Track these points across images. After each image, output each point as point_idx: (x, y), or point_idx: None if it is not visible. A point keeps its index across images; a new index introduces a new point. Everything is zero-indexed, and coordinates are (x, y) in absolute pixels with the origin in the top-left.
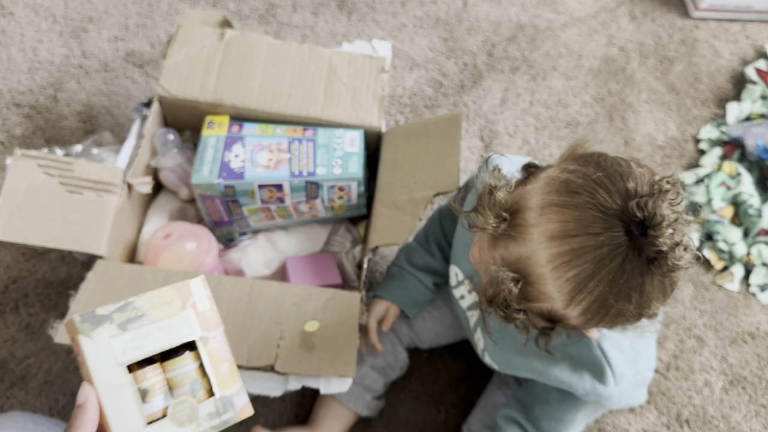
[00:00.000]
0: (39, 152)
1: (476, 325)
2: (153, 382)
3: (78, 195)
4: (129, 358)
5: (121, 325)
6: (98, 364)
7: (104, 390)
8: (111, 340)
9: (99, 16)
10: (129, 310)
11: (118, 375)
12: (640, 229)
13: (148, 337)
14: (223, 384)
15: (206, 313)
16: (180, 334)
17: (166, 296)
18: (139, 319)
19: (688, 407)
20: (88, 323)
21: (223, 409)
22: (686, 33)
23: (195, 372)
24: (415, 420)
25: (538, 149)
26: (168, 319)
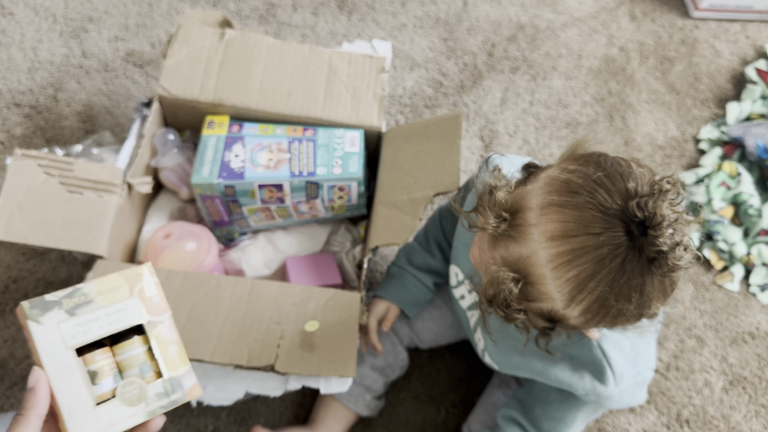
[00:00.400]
0: (39, 152)
1: (476, 325)
2: (102, 365)
3: (78, 195)
4: (77, 342)
5: (70, 311)
6: (48, 348)
7: (54, 373)
8: (60, 325)
9: (99, 16)
10: (77, 296)
11: (67, 358)
12: (641, 229)
13: (96, 322)
14: (171, 365)
15: (153, 299)
16: (128, 319)
17: (113, 283)
18: (88, 304)
19: (688, 407)
20: (37, 309)
21: (172, 389)
22: (686, 33)
23: (143, 355)
24: (415, 420)
25: (538, 149)
26: (116, 304)
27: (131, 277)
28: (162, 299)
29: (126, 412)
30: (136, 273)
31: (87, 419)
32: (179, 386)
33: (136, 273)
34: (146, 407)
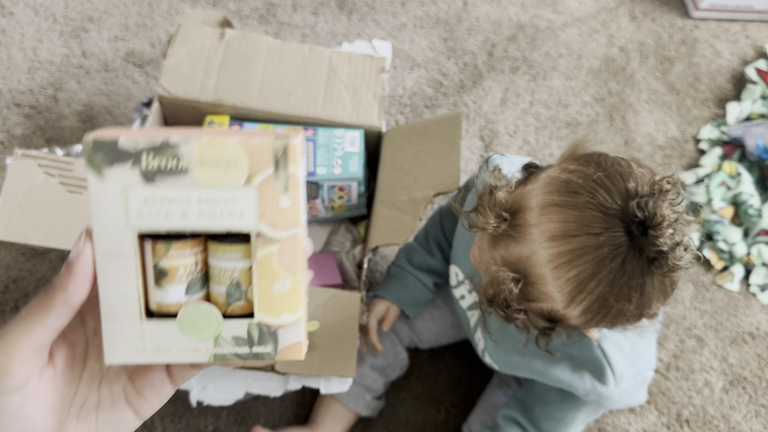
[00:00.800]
0: (39, 152)
1: (476, 325)
2: (177, 263)
3: (78, 195)
4: (144, 225)
5: (149, 174)
6: (103, 217)
7: (103, 255)
8: (128, 191)
9: (99, 16)
10: (167, 155)
11: (123, 241)
12: (641, 229)
13: (181, 205)
14: (271, 307)
15: (281, 202)
16: (229, 218)
17: (228, 153)
18: (178, 174)
19: (688, 407)
20: (103, 154)
21: (260, 339)
22: (686, 33)
23: (242, 273)
24: (415, 420)
25: (539, 149)
26: (221, 189)
27: (261, 152)
28: (297, 205)
29: (183, 343)
30: (273, 149)
31: (128, 332)
32: (273, 339)
33: (271, 147)
34: (214, 347)
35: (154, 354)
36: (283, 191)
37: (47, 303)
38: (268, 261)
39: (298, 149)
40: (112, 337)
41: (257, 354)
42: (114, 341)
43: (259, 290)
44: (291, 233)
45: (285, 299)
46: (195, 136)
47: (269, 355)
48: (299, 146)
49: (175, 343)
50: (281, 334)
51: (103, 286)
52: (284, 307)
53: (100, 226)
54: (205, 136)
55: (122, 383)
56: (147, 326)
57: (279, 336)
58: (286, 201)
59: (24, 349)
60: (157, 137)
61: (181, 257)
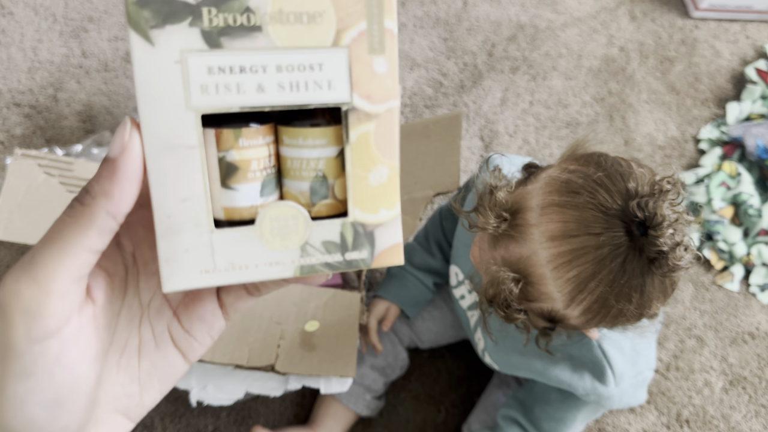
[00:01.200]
0: (39, 152)
1: (476, 325)
2: (249, 155)
3: None
4: (210, 104)
5: (212, 36)
6: (154, 96)
7: (155, 148)
8: (187, 59)
9: (99, 16)
10: (234, 8)
11: (185, 126)
12: (641, 229)
13: (255, 75)
14: (367, 202)
15: (377, 65)
16: (315, 87)
17: (312, 2)
18: (250, 33)
19: (688, 407)
20: (151, 11)
21: (354, 242)
22: (686, 33)
23: (327, 163)
24: (415, 420)
25: (539, 149)
26: (302, 50)
27: (352, 1)
28: (395, 68)
29: (264, 255)
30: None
31: (194, 247)
32: (369, 241)
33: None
34: (301, 257)
35: (228, 273)
36: (378, 51)
37: (86, 216)
38: (364, 143)
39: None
40: (171, 257)
41: (351, 261)
42: (175, 261)
43: (355, 181)
44: (389, 106)
45: (383, 191)
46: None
47: (365, 262)
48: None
49: (254, 256)
50: (378, 234)
51: (158, 190)
52: (382, 200)
53: (151, 108)
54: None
55: (166, 321)
56: (218, 237)
57: (376, 237)
58: (382, 64)
59: (61, 280)
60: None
61: (254, 147)
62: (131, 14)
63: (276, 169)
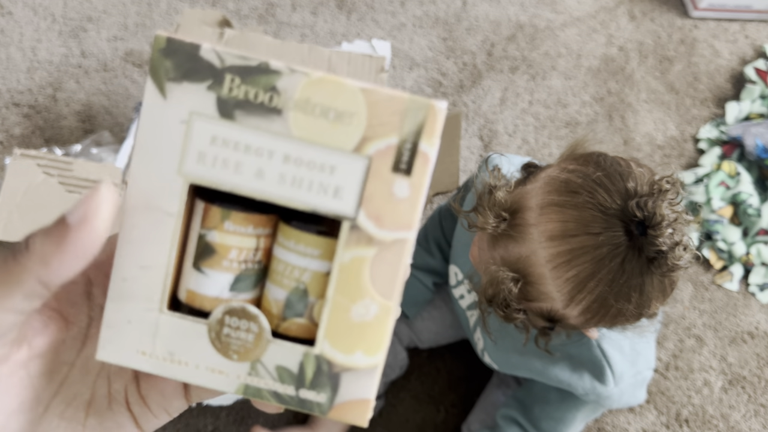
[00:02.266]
0: (38, 152)
1: (476, 324)
2: (231, 242)
3: (77, 195)
4: (202, 175)
5: (227, 105)
6: (150, 150)
7: (136, 203)
8: (194, 120)
9: (98, 16)
10: (260, 84)
11: (170, 190)
12: (640, 229)
13: (259, 158)
14: (342, 337)
15: (397, 188)
16: (320, 191)
17: (344, 100)
18: (267, 114)
19: (687, 407)
20: (174, 63)
21: (313, 379)
22: (685, 33)
23: (313, 278)
24: (414, 420)
25: (538, 149)
26: (318, 147)
27: (388, 110)
28: (418, 197)
29: (208, 356)
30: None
31: (138, 321)
32: (330, 384)
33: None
34: (248, 375)
35: (164, 363)
36: (403, 173)
37: (15, 275)
38: (356, 268)
39: (439, 118)
40: (114, 323)
41: (304, 401)
42: (115, 329)
43: (333, 308)
44: (398, 237)
45: (365, 331)
46: (303, 68)
47: (320, 408)
48: (441, 115)
49: (197, 354)
50: (345, 380)
51: (123, 249)
52: (361, 342)
53: (144, 161)
54: (317, 70)
55: (125, 381)
56: (165, 320)
57: (342, 382)
58: (403, 188)
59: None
60: (252, 56)
61: (239, 234)
62: (154, 61)
63: (261, 267)
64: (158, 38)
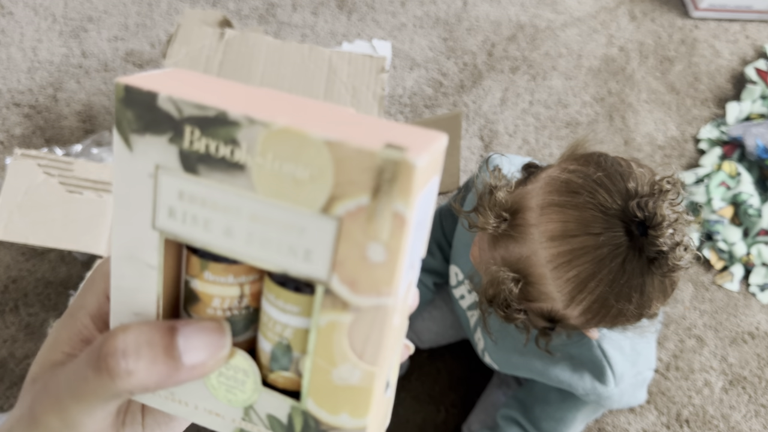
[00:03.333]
0: (39, 152)
1: (476, 325)
2: (212, 291)
3: (78, 195)
4: (174, 230)
5: (190, 159)
6: (126, 204)
7: (121, 253)
8: (160, 175)
9: (99, 16)
10: (220, 135)
11: (147, 244)
12: (641, 229)
13: (226, 216)
14: (325, 397)
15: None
16: (289, 253)
17: (308, 154)
18: (230, 169)
19: (687, 407)
20: (134, 114)
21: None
22: (686, 33)
23: (295, 334)
24: (415, 420)
25: (538, 149)
26: (284, 207)
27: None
28: (396, 261)
29: (205, 399)
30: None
31: None
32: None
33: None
34: (242, 420)
35: (165, 401)
36: (375, 236)
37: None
38: (333, 333)
39: (415, 175)
40: None
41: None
42: None
43: (313, 369)
44: (377, 303)
45: (349, 394)
46: (267, 114)
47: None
48: (418, 172)
49: (195, 396)
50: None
51: (116, 295)
52: (345, 404)
53: (121, 215)
54: (281, 116)
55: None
56: None
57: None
58: (378, 252)
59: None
60: (211, 104)
61: (219, 284)
62: (116, 111)
63: (251, 312)
64: (117, 86)
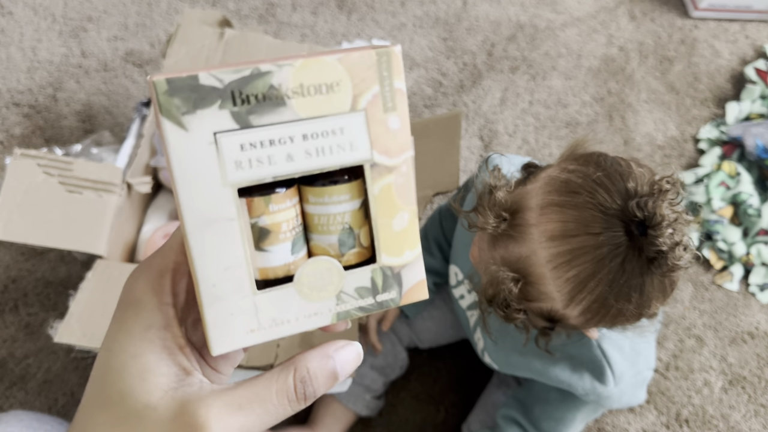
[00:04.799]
0: (38, 152)
1: (476, 324)
2: (280, 219)
3: (77, 194)
4: (245, 178)
5: (241, 115)
6: (191, 178)
7: (197, 224)
8: (221, 139)
9: (98, 16)
10: (259, 87)
11: (223, 202)
12: (640, 229)
13: (284, 146)
14: (393, 246)
15: (391, 122)
16: (339, 150)
17: (328, 73)
18: (275, 108)
19: (687, 407)
20: (182, 99)
21: (383, 285)
22: (686, 33)
23: (352, 216)
24: (414, 420)
25: (538, 149)
26: (325, 118)
27: (363, 67)
28: (406, 123)
29: (303, 308)
30: (377, 62)
31: (239, 310)
32: (397, 282)
33: (374, 60)
34: (336, 305)
35: (271, 329)
36: (392, 110)
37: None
38: (386, 194)
39: (399, 58)
40: (218, 322)
41: (382, 302)
42: (222, 325)
43: (381, 229)
44: (405, 157)
45: (405, 235)
46: (287, 61)
47: (394, 301)
48: (400, 55)
49: (294, 311)
50: (405, 274)
51: (201, 262)
52: (405, 243)
53: (190, 189)
54: (298, 59)
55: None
56: (260, 298)
57: (403, 277)
58: (395, 121)
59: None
60: (243, 67)
61: (283, 211)
62: (162, 103)
63: (302, 227)
64: (158, 83)
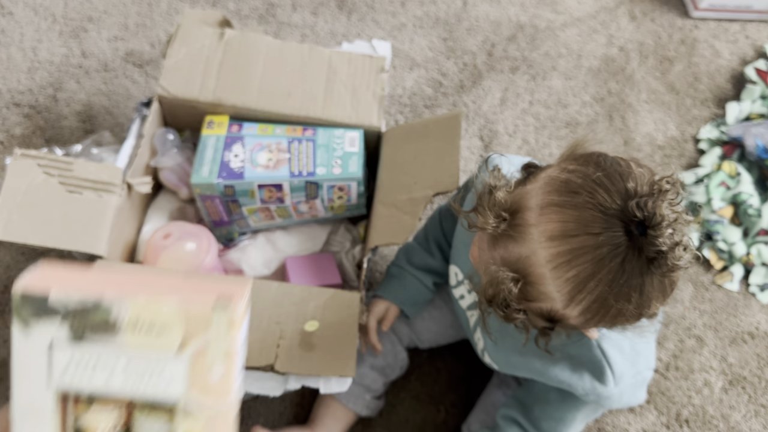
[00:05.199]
0: (38, 152)
1: (476, 324)
2: (96, 423)
3: (78, 195)
4: (66, 385)
5: (77, 332)
6: (25, 373)
7: (21, 411)
8: (53, 349)
9: (99, 16)
10: (98, 315)
11: (44, 400)
12: (640, 229)
13: (106, 369)
14: None
15: (215, 372)
16: (155, 385)
17: (163, 318)
18: (107, 335)
19: (687, 407)
20: (31, 308)
21: None
22: (686, 33)
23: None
24: (414, 420)
25: (538, 149)
26: (149, 353)
27: (199, 320)
28: (231, 373)
29: None
30: (212, 317)
31: None
32: None
33: (210, 316)
34: None
35: None
36: (217, 361)
37: None
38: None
39: (240, 315)
40: None
41: None
42: None
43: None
44: (220, 406)
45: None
46: (131, 294)
47: None
48: (243, 311)
49: None
50: None
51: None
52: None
53: (22, 382)
54: (142, 294)
55: None
56: None
57: None
58: (219, 371)
59: None
60: (89, 296)
61: (103, 412)
62: (16, 308)
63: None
64: (15, 294)
